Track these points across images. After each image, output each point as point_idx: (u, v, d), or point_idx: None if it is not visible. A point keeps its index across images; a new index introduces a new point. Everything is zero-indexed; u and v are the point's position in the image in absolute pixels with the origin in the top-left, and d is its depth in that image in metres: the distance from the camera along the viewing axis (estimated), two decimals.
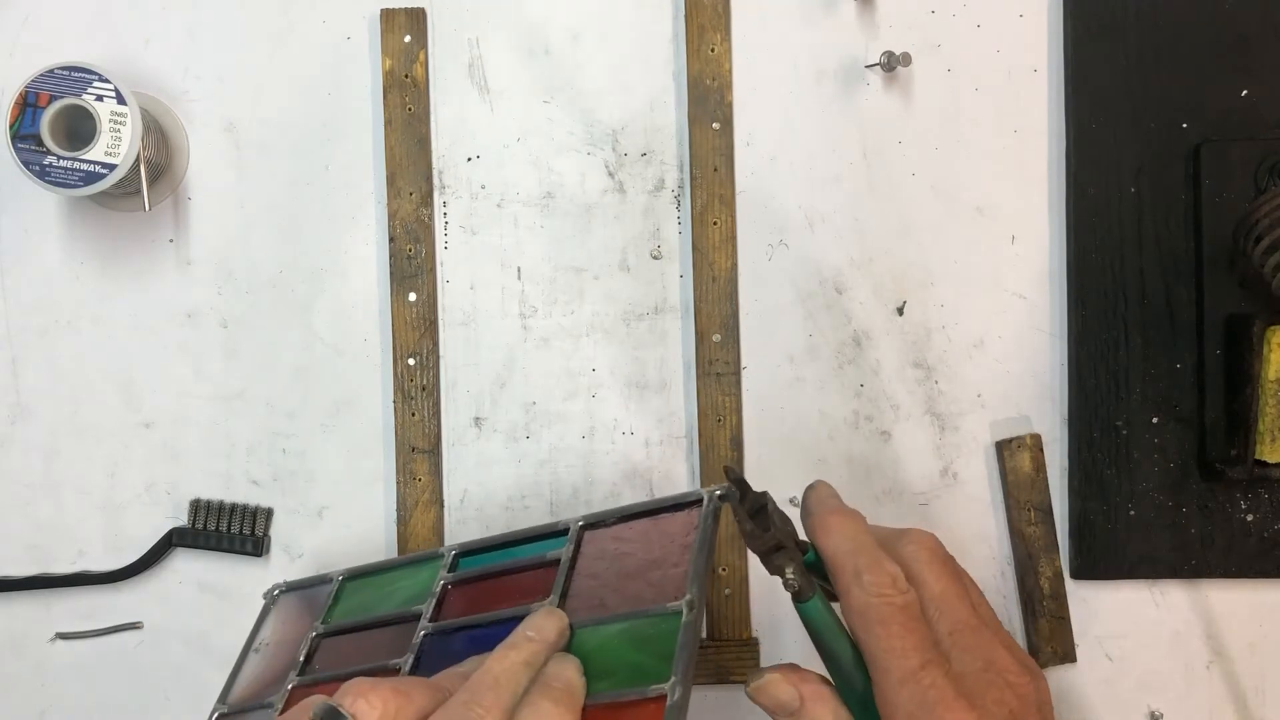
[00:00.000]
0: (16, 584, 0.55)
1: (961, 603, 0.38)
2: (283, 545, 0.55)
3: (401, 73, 0.55)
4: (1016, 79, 0.56)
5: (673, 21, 0.56)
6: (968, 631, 0.37)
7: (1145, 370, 0.54)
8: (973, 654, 0.37)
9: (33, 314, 0.55)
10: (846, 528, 0.39)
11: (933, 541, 0.40)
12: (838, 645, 0.38)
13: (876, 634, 0.36)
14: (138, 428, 0.55)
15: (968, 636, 0.37)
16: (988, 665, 0.36)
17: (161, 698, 0.55)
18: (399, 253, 0.54)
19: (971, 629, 0.37)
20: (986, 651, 0.37)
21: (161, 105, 0.55)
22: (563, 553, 0.44)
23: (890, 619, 0.36)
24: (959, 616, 0.37)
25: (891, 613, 0.36)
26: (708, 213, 0.55)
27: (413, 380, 0.54)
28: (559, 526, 0.45)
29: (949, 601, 0.38)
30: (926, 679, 0.35)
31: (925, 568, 0.39)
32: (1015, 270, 0.56)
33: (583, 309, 0.56)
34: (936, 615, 0.38)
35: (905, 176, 0.56)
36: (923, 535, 0.40)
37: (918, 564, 0.39)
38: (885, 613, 0.36)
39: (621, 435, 0.55)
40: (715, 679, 0.54)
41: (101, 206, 0.55)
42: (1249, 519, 0.54)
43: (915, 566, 0.39)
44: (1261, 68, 0.54)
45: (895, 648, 0.36)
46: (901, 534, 0.40)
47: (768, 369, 0.55)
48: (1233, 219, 0.52)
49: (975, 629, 0.37)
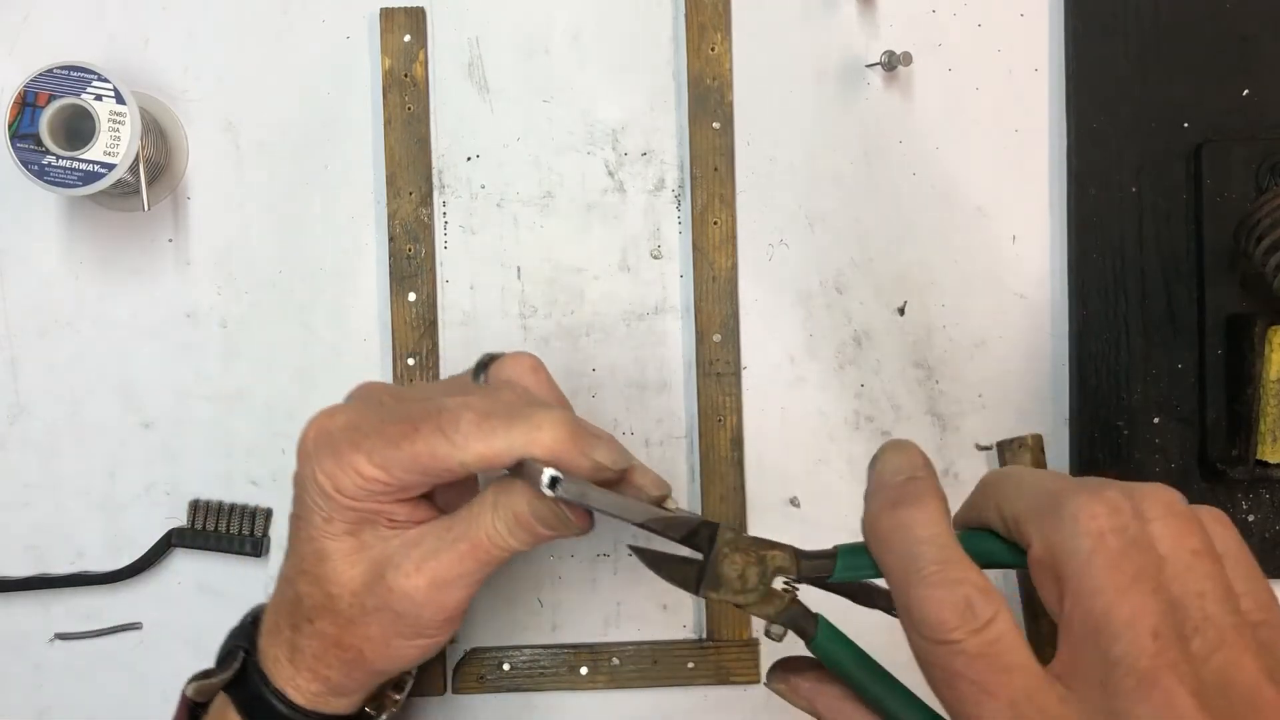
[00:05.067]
0: (15, 584, 0.54)
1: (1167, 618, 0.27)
2: (282, 546, 0.55)
3: (401, 72, 0.55)
4: (1017, 78, 0.56)
5: (673, 21, 0.56)
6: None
7: (1146, 370, 0.54)
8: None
9: (32, 314, 0.55)
10: (905, 532, 0.30)
11: (1115, 519, 0.28)
12: (886, 699, 0.30)
13: (964, 705, 0.28)
14: (137, 428, 0.55)
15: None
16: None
17: (161, 698, 0.55)
18: (399, 252, 0.54)
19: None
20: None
21: (161, 105, 0.55)
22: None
23: (967, 673, 0.27)
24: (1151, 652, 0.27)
25: (970, 666, 0.27)
26: (708, 213, 0.55)
27: (413, 380, 0.54)
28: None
29: (1133, 630, 0.27)
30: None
31: (1097, 571, 0.28)
32: (1016, 270, 0.56)
33: (583, 309, 0.55)
34: (1106, 648, 0.27)
35: (906, 176, 0.56)
36: (1099, 503, 0.29)
37: (1084, 564, 0.28)
38: (958, 665, 0.27)
39: (621, 435, 0.55)
40: (715, 679, 0.54)
41: (101, 206, 0.55)
42: (1250, 519, 0.54)
43: (1076, 567, 0.28)
44: (1263, 67, 0.54)
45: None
46: (1069, 494, 0.29)
47: (768, 369, 0.55)
48: (1234, 219, 0.52)
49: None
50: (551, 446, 0.38)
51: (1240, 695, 0.27)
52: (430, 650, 0.43)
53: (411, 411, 0.39)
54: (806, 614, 0.33)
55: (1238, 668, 0.28)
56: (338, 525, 0.40)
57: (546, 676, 0.54)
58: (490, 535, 0.40)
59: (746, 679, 0.54)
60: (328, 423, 0.40)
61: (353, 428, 0.40)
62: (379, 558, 0.41)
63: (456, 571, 0.40)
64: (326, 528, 0.40)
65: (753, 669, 0.54)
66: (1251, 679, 0.28)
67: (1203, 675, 0.27)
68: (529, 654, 0.54)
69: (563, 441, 0.38)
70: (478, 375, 0.44)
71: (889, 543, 0.30)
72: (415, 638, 0.41)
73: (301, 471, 0.41)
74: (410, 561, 0.40)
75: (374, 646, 0.41)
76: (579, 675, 0.54)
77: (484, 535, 0.40)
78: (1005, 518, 0.31)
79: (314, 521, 0.41)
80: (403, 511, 0.41)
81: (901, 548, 0.30)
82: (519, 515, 0.40)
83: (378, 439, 0.39)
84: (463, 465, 0.38)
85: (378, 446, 0.39)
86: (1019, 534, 0.31)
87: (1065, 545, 0.29)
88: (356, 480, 0.39)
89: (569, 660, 0.54)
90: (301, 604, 0.42)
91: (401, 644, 0.41)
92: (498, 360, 0.44)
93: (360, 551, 0.41)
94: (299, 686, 0.42)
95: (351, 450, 0.39)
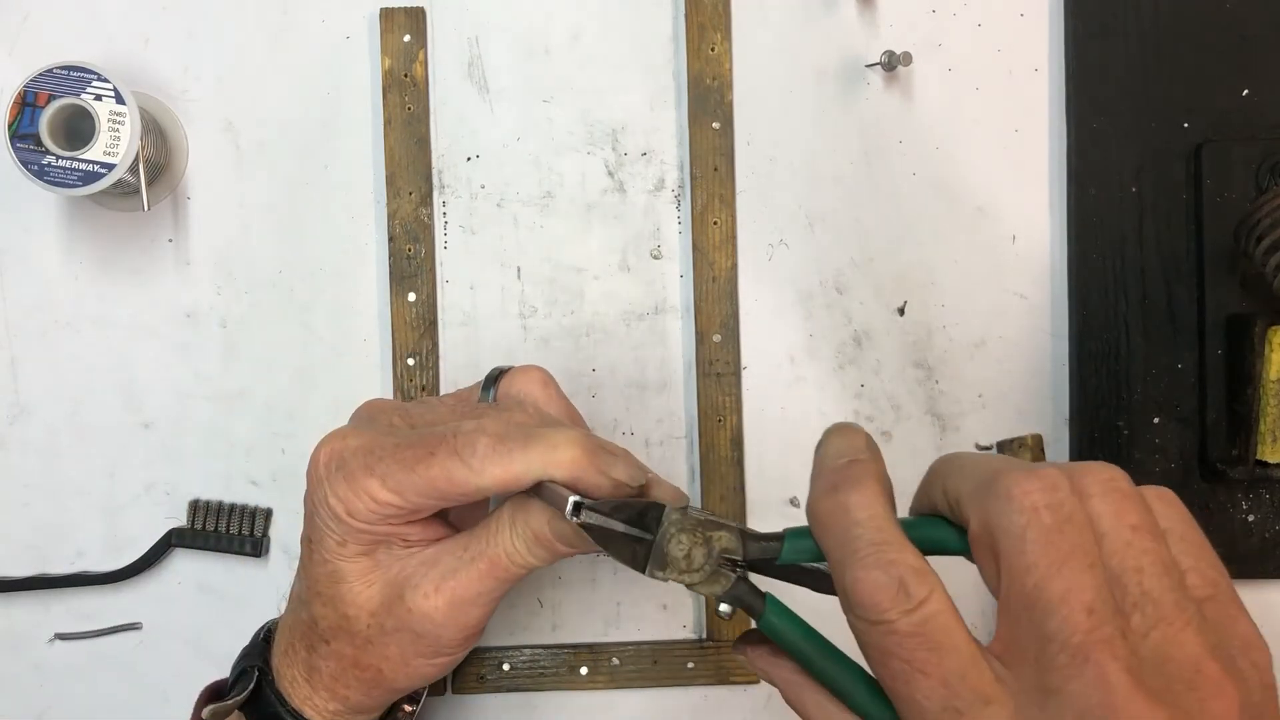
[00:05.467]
0: (15, 584, 0.54)
1: (1092, 591, 0.27)
2: (282, 546, 0.55)
3: (401, 72, 0.55)
4: (1017, 78, 0.56)
5: (673, 21, 0.56)
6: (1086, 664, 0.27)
7: (1146, 370, 0.54)
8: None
9: (32, 314, 0.55)
10: (842, 514, 0.31)
11: (1051, 496, 0.28)
12: (834, 675, 0.31)
13: (896, 682, 0.28)
14: (137, 428, 0.55)
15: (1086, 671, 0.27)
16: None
17: (161, 698, 0.55)
18: (398, 252, 0.54)
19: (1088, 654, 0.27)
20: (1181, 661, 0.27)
21: (160, 105, 0.55)
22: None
23: (899, 652, 0.28)
24: (1075, 627, 0.27)
25: (901, 645, 0.28)
26: (708, 213, 0.54)
27: (412, 380, 0.54)
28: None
29: (1066, 604, 0.27)
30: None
31: (1030, 547, 0.28)
32: (1016, 270, 0.56)
33: (583, 309, 0.55)
34: (1039, 624, 0.27)
35: (906, 176, 0.56)
36: (1034, 480, 0.28)
37: (1018, 541, 0.28)
38: (889, 644, 0.28)
39: (621, 435, 0.55)
40: (715, 679, 0.54)
41: (100, 206, 0.55)
42: (1250, 519, 0.54)
43: (1010, 544, 0.28)
44: (1263, 67, 0.54)
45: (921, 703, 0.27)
46: (1006, 472, 0.29)
47: (768, 369, 0.55)
48: (1234, 219, 0.52)
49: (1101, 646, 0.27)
50: (570, 468, 0.37)
51: (1178, 670, 0.27)
52: (449, 667, 0.43)
53: (425, 435, 0.39)
54: (754, 591, 0.33)
55: (1177, 644, 0.27)
56: (352, 548, 0.40)
57: (546, 676, 0.54)
58: (509, 553, 0.40)
59: (746, 679, 0.54)
60: (340, 446, 0.40)
61: (366, 451, 0.39)
62: (395, 578, 0.40)
63: (476, 590, 0.40)
64: (340, 550, 0.40)
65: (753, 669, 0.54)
66: (1192, 654, 0.27)
67: (1140, 651, 0.27)
68: (529, 654, 0.54)
69: (580, 462, 0.37)
70: (487, 389, 0.44)
71: (827, 525, 0.31)
72: (435, 656, 0.41)
73: (314, 495, 0.40)
74: (429, 582, 0.40)
75: (393, 666, 0.41)
76: (579, 675, 0.54)
77: (502, 553, 0.40)
78: (950, 500, 0.31)
79: (327, 545, 0.40)
80: (416, 531, 0.41)
81: (839, 530, 0.30)
82: (539, 534, 0.39)
83: (392, 463, 0.38)
84: (480, 490, 0.38)
85: (392, 471, 0.38)
86: (960, 515, 0.31)
87: (999, 522, 0.29)
88: (370, 505, 0.39)
89: (569, 660, 0.54)
90: (317, 625, 0.41)
91: (421, 663, 0.41)
92: (507, 374, 0.44)
93: (375, 571, 0.40)
94: (317, 706, 0.42)
95: (365, 475, 0.39)
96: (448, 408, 0.43)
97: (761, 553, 0.34)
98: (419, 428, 0.41)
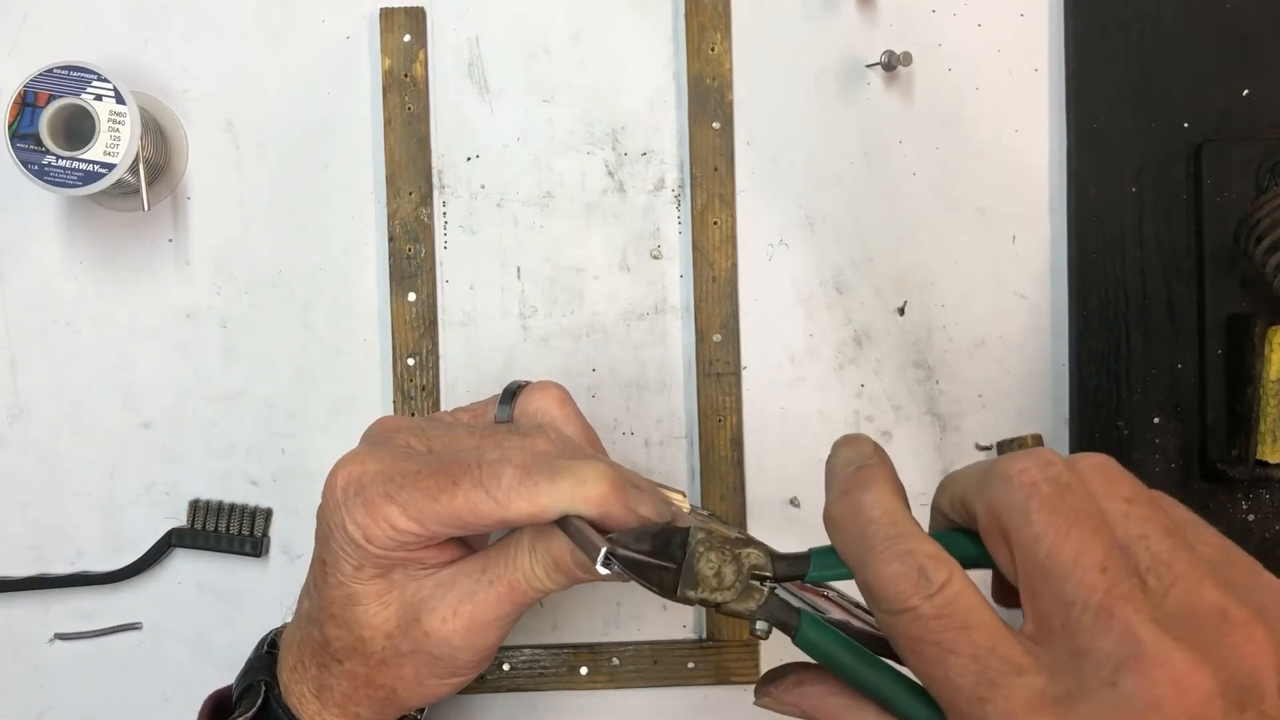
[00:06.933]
0: (15, 584, 0.54)
1: (1103, 569, 0.27)
2: (282, 546, 0.55)
3: (401, 72, 0.55)
4: (1017, 78, 0.56)
5: (673, 21, 0.56)
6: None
7: (1146, 370, 0.54)
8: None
9: (32, 314, 0.55)
10: (855, 515, 0.31)
11: (1047, 470, 0.29)
12: (876, 682, 0.30)
13: (929, 666, 0.28)
14: (137, 428, 0.55)
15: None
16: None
17: (161, 698, 0.55)
18: (398, 252, 0.54)
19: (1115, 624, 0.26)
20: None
21: (160, 104, 0.55)
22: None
23: (927, 636, 0.28)
24: (1094, 589, 0.27)
25: (928, 628, 0.28)
26: (708, 213, 0.54)
27: (412, 380, 0.54)
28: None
29: (1080, 575, 0.27)
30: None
31: (1035, 517, 0.28)
32: (1016, 270, 0.56)
33: (583, 309, 0.55)
34: (1057, 594, 0.27)
35: (906, 176, 0.56)
36: (1029, 459, 0.29)
37: (1022, 515, 0.28)
38: (916, 630, 0.28)
39: (621, 435, 0.55)
40: (715, 679, 0.54)
41: (100, 206, 0.55)
42: (1250, 519, 0.54)
43: (1015, 519, 0.29)
44: (1263, 67, 0.54)
45: (958, 683, 0.27)
46: (1002, 460, 0.30)
47: (768, 369, 0.55)
48: (1234, 219, 0.52)
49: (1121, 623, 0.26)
50: (598, 504, 0.37)
51: (1205, 619, 0.27)
52: (462, 686, 0.42)
53: (448, 462, 0.38)
54: (787, 607, 0.33)
55: (1198, 595, 0.27)
56: (368, 571, 0.40)
57: (546, 676, 0.54)
58: (528, 578, 0.39)
59: (746, 679, 0.54)
60: (359, 471, 0.39)
61: (386, 478, 0.38)
62: (412, 600, 0.40)
63: (494, 614, 0.39)
64: (357, 574, 0.40)
65: (753, 669, 0.54)
66: (1215, 603, 0.27)
67: (1163, 606, 0.27)
68: (529, 654, 0.54)
69: (609, 498, 0.37)
70: (504, 404, 0.43)
71: (843, 527, 0.31)
72: (449, 677, 0.41)
73: (330, 519, 0.39)
74: (446, 605, 0.39)
75: (407, 686, 0.41)
76: (579, 675, 0.54)
77: (521, 578, 0.39)
78: (957, 505, 0.32)
79: (343, 568, 0.40)
80: (432, 554, 0.40)
81: (854, 530, 0.31)
82: (559, 561, 0.39)
83: (414, 491, 0.38)
84: (503, 522, 0.37)
85: (414, 500, 0.38)
86: (967, 514, 0.31)
87: (1002, 501, 0.29)
88: (389, 532, 0.38)
89: (569, 660, 0.54)
90: (330, 646, 0.41)
91: (435, 683, 0.41)
92: (525, 390, 0.43)
93: (391, 592, 0.40)
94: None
95: (385, 502, 0.38)
96: (465, 428, 0.42)
97: (789, 571, 0.34)
98: (437, 451, 0.40)
